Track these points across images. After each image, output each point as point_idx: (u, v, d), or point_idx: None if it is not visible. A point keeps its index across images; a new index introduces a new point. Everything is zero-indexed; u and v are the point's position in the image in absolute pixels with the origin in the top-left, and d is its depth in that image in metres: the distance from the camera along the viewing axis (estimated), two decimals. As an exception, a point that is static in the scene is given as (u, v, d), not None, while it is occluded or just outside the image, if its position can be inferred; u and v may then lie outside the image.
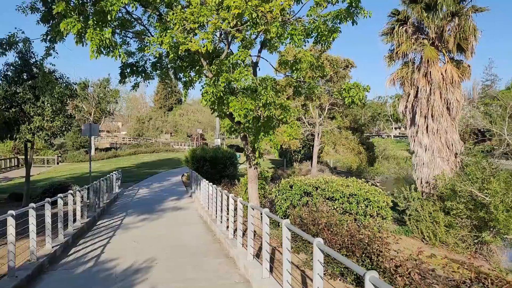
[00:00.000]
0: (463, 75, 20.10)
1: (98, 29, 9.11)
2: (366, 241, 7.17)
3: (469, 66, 20.18)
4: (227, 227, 11.44)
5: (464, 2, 19.06)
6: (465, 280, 3.98)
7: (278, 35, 9.52)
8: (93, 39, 8.98)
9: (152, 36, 11.39)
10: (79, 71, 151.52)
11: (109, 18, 9.14)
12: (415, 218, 17.71)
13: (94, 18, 9.35)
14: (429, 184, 19.53)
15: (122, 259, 9.71)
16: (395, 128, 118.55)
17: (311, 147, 34.15)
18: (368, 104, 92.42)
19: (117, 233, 13.19)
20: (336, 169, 42.21)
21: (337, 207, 11.78)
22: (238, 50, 10.36)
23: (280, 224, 7.47)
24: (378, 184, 39.62)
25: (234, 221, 10.59)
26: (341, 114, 34.78)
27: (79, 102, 56.99)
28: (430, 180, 19.49)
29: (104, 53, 9.63)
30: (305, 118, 32.78)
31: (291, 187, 12.98)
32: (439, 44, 19.68)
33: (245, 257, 8.82)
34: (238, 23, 9.65)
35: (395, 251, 7.35)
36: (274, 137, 10.70)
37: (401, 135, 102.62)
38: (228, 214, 11.21)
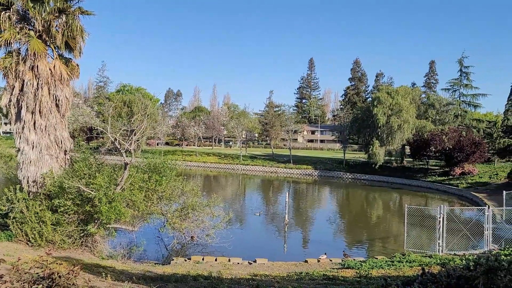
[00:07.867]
0: (72, 74, 20.42)
1: None
2: None
3: (77, 65, 20.71)
4: None
5: (71, 1, 19.30)
6: (36, 279, 3.90)
7: None
8: None
9: None
10: None
11: None
12: (20, 221, 16.51)
13: None
14: (37, 183, 18.67)
15: None
16: (6, 124, 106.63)
17: None
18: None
19: None
20: None
21: None
22: None
23: None
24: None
25: None
26: None
27: None
28: (38, 179, 18.64)
29: None
30: None
31: None
32: (48, 38, 19.10)
33: None
34: None
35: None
36: None
37: (11, 131, 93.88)
38: None
